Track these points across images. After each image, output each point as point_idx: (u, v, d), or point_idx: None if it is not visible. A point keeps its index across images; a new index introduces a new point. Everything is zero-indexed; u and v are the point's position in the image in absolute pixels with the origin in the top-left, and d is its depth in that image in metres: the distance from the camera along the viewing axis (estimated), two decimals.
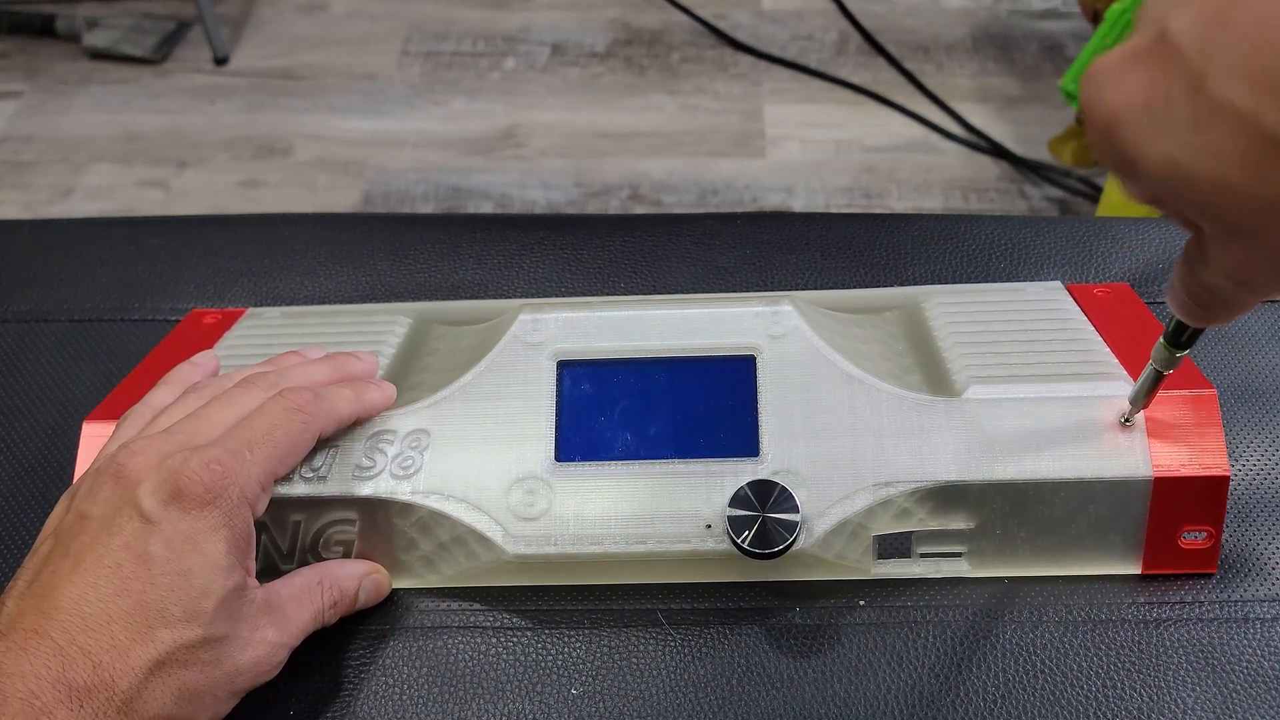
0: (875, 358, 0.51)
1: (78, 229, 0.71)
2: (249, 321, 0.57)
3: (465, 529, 0.47)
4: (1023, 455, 0.46)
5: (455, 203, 1.59)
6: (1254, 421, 0.53)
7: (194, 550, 0.40)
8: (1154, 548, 0.46)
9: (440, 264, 0.65)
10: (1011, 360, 0.49)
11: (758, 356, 0.49)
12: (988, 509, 0.46)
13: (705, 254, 0.64)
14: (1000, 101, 1.69)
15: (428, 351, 0.54)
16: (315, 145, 1.68)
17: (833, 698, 0.44)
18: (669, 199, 1.58)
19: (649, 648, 0.46)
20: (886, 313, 0.55)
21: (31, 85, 1.81)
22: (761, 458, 0.47)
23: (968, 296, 0.54)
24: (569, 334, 0.51)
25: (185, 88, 1.79)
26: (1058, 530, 0.46)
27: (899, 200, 1.55)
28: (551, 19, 1.88)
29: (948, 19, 1.84)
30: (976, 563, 0.47)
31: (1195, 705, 0.43)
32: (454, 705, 0.44)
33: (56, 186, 1.64)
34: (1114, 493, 0.45)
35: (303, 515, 0.47)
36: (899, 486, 0.46)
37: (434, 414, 0.49)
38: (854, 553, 0.47)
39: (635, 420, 0.48)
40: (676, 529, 0.46)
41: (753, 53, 1.79)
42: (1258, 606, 0.46)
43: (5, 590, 0.40)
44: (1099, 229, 0.65)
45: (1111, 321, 0.51)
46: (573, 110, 1.72)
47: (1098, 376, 0.47)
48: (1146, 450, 0.45)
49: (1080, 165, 1.54)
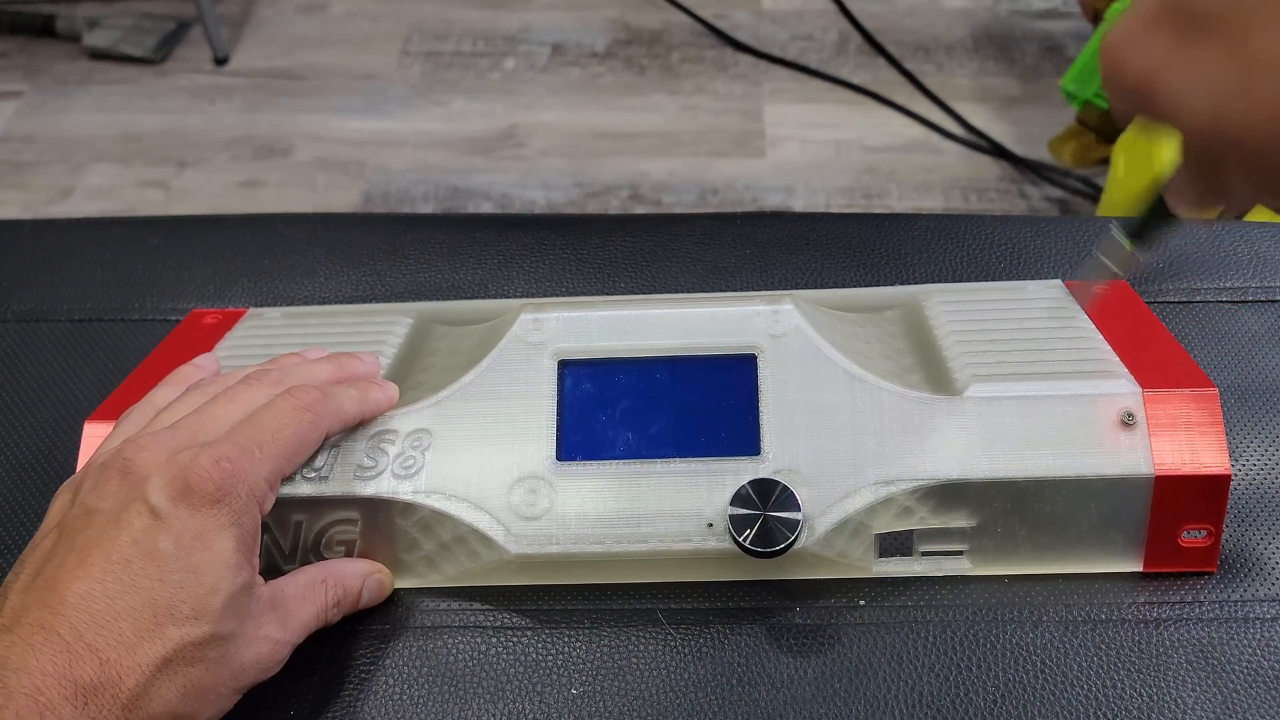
0: (876, 356, 0.51)
1: (78, 229, 0.71)
2: (249, 322, 0.57)
3: (467, 528, 0.47)
4: (1024, 453, 0.46)
5: (455, 203, 1.59)
6: (1254, 421, 0.53)
7: (203, 547, 0.40)
8: (1155, 546, 0.47)
9: (440, 264, 0.65)
10: (1012, 358, 0.49)
11: (759, 355, 0.49)
12: (989, 507, 0.46)
13: (705, 254, 0.64)
14: (1000, 101, 1.69)
15: (429, 351, 0.54)
16: (315, 145, 1.68)
17: (833, 697, 0.44)
18: (669, 199, 1.58)
19: (649, 648, 0.46)
20: (887, 312, 0.55)
21: (31, 85, 1.81)
22: (763, 456, 0.47)
23: (968, 295, 0.54)
24: (570, 333, 0.51)
25: (185, 88, 1.79)
26: (1059, 528, 0.47)
27: (899, 200, 1.55)
28: (551, 19, 1.88)
29: (948, 19, 1.84)
30: (978, 561, 0.47)
31: (1195, 705, 0.43)
32: (454, 705, 0.44)
33: (56, 186, 1.64)
34: (1115, 491, 0.45)
35: (305, 515, 0.47)
36: (900, 485, 0.46)
37: (435, 414, 0.49)
38: (855, 551, 0.47)
39: (636, 419, 0.48)
40: (678, 528, 0.46)
41: (753, 53, 1.79)
42: (1258, 606, 0.46)
43: (6, 583, 0.40)
44: (1099, 229, 0.65)
45: (1110, 319, 0.51)
46: (573, 110, 1.72)
47: (1099, 374, 0.47)
48: (1148, 448, 0.45)
49: (1080, 165, 1.54)
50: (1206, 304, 0.60)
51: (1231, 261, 0.62)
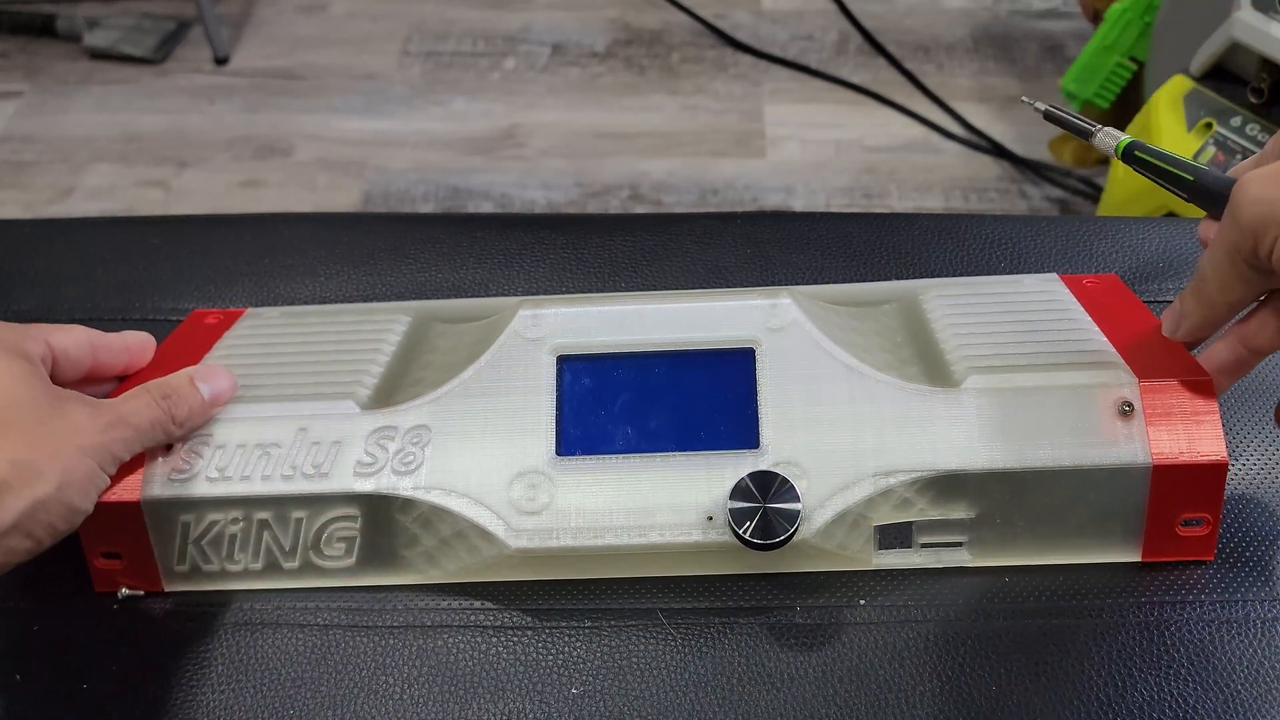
0: (874, 349, 0.51)
1: (78, 229, 0.71)
2: (249, 321, 0.57)
3: (467, 524, 0.47)
4: (1022, 444, 0.46)
5: (455, 203, 1.59)
6: (1254, 421, 0.53)
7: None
8: (1153, 535, 0.47)
9: (440, 264, 0.65)
10: (1009, 350, 0.49)
11: (757, 349, 0.49)
12: (988, 498, 0.46)
13: (705, 254, 0.65)
14: (1000, 101, 1.69)
15: (428, 349, 0.54)
16: (315, 145, 1.68)
17: (833, 696, 0.44)
18: (669, 199, 1.58)
19: (649, 647, 0.46)
20: (884, 305, 0.55)
21: (31, 85, 1.81)
22: (762, 449, 0.47)
23: (964, 289, 0.54)
24: (569, 329, 0.51)
25: (185, 88, 1.79)
26: (1058, 518, 0.47)
27: (899, 200, 1.56)
28: (552, 19, 1.88)
29: (948, 19, 1.84)
30: (977, 552, 0.48)
31: (1197, 703, 0.43)
32: (454, 705, 0.44)
33: (56, 186, 1.64)
34: (1113, 480, 0.46)
35: (304, 512, 0.48)
36: (899, 476, 0.46)
37: (435, 409, 0.49)
38: (855, 543, 0.47)
39: (636, 414, 0.48)
40: (678, 521, 0.46)
41: (753, 53, 1.79)
42: (1258, 606, 0.46)
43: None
44: (1099, 229, 0.65)
45: (1104, 311, 0.51)
46: (573, 110, 1.72)
47: (1095, 365, 0.48)
48: (1145, 438, 0.45)
49: (1080, 165, 1.54)
50: None
51: None
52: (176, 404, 0.47)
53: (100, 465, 0.44)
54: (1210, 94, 1.07)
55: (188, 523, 0.48)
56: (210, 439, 0.48)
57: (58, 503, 0.42)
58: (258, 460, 0.48)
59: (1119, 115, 1.39)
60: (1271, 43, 0.98)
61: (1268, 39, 0.98)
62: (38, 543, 0.42)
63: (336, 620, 0.48)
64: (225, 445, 0.48)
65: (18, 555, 0.42)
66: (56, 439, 0.42)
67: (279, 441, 0.48)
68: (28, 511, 0.41)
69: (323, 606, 0.48)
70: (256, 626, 0.48)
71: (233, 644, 0.47)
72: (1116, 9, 1.35)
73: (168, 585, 0.49)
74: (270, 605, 0.48)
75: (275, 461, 0.48)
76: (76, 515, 0.43)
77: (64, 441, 0.42)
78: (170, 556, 0.48)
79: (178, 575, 0.49)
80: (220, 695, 0.45)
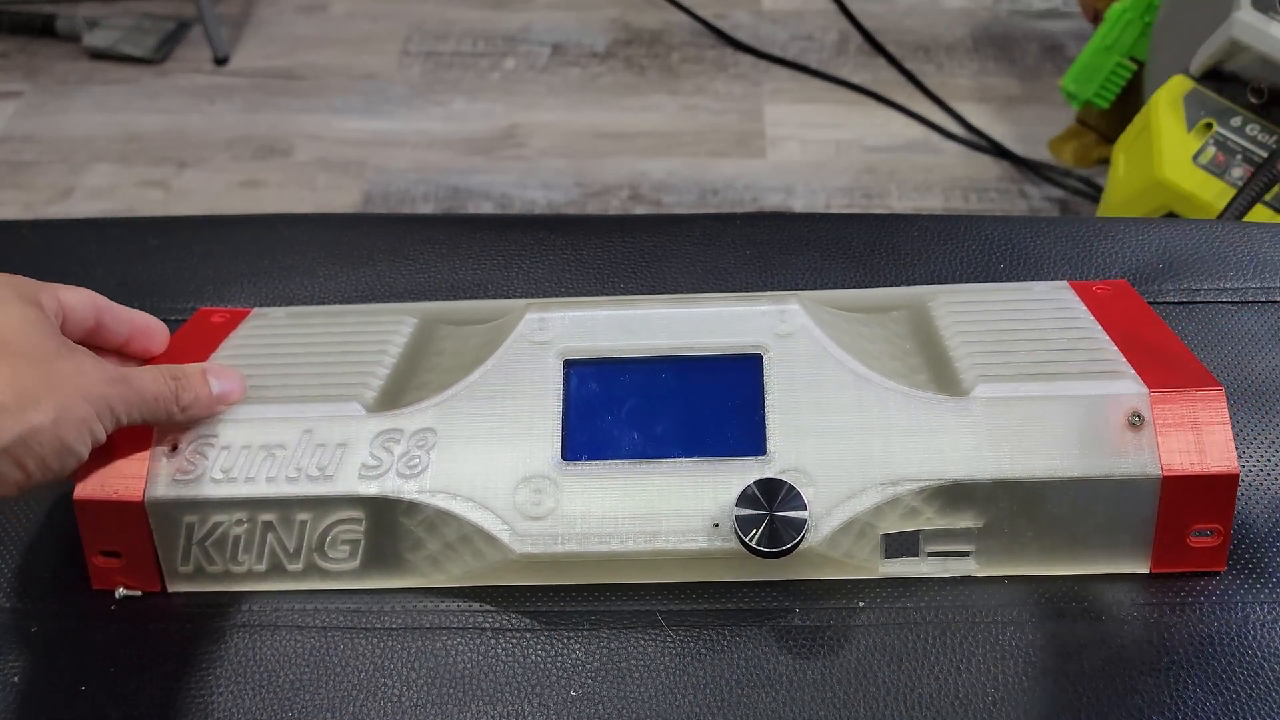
0: (882, 356, 0.51)
1: (78, 229, 0.71)
2: (255, 321, 0.57)
3: (472, 528, 0.47)
4: (1031, 453, 0.46)
5: (455, 203, 1.59)
6: (1256, 422, 0.53)
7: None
8: (1163, 546, 0.47)
9: (440, 264, 0.65)
10: (1019, 359, 0.49)
11: (764, 355, 0.49)
12: (996, 508, 0.46)
13: (705, 254, 0.65)
14: (1000, 101, 1.69)
15: (434, 351, 0.54)
16: (315, 145, 1.68)
17: (833, 700, 0.44)
18: (669, 199, 1.58)
19: (648, 650, 0.46)
20: (893, 312, 0.55)
21: (31, 85, 1.81)
22: (769, 456, 0.47)
23: (974, 296, 0.54)
24: (575, 333, 0.51)
25: (185, 88, 1.79)
26: (1066, 529, 0.46)
27: (899, 200, 1.55)
28: (551, 19, 1.88)
29: (948, 19, 1.84)
30: (984, 562, 0.47)
31: (1199, 706, 0.43)
32: (453, 707, 0.44)
33: (56, 186, 1.64)
34: (1123, 491, 0.45)
35: (309, 514, 0.48)
36: (907, 485, 0.46)
37: (440, 413, 0.49)
38: (862, 551, 0.47)
39: (642, 419, 0.48)
40: (684, 528, 0.46)
41: (753, 53, 1.79)
42: (1260, 607, 0.46)
43: None
44: (1099, 229, 0.65)
45: (1114, 318, 0.51)
46: (573, 110, 1.72)
47: (1106, 375, 0.47)
48: (1155, 448, 0.45)
49: (1080, 165, 1.54)
50: (1206, 304, 0.60)
51: (1231, 262, 0.62)
52: (184, 387, 0.48)
53: (98, 414, 0.44)
54: (1210, 94, 1.07)
55: (192, 524, 0.48)
56: (215, 440, 0.48)
57: (51, 435, 0.42)
58: (263, 462, 0.48)
59: (1119, 115, 1.39)
60: (1271, 43, 0.98)
61: (1268, 39, 0.98)
62: (27, 475, 0.42)
63: (335, 622, 0.48)
64: (230, 446, 0.48)
65: (7, 485, 0.42)
66: (59, 377, 0.42)
67: (284, 443, 0.48)
68: (21, 438, 0.41)
69: (320, 608, 0.48)
70: (255, 628, 0.48)
71: (231, 645, 0.47)
72: (1116, 9, 1.35)
73: (172, 586, 0.49)
74: (268, 607, 0.48)
75: (280, 463, 0.48)
76: (69, 456, 0.43)
77: (66, 381, 0.43)
78: (174, 557, 0.48)
79: (182, 576, 0.49)
80: (219, 696, 0.45)
